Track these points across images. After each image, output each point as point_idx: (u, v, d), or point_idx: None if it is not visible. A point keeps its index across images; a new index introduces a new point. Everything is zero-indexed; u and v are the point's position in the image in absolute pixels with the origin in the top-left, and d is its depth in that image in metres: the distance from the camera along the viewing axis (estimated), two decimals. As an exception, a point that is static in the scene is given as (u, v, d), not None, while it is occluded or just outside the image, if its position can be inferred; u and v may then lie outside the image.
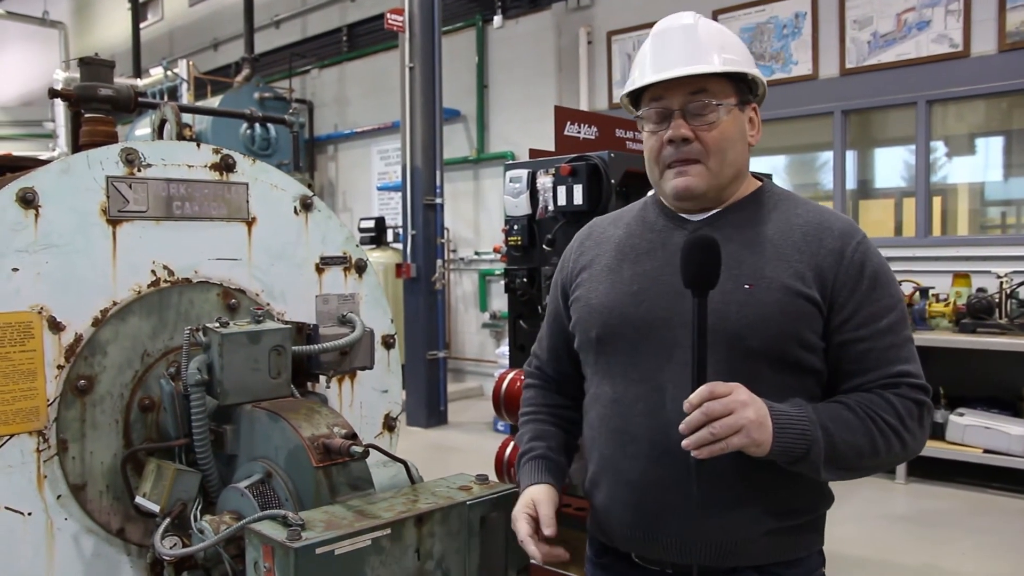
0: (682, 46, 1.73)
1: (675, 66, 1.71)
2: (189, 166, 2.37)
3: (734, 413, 1.49)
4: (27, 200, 2.07)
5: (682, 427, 1.50)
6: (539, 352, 2.08)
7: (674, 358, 1.68)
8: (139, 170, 2.27)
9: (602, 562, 1.90)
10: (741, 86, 1.77)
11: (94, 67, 2.79)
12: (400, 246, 9.16)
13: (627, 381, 1.75)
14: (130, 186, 2.25)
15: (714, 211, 1.79)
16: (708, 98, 1.71)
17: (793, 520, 1.71)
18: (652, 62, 1.75)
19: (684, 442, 1.50)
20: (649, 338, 1.72)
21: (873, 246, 1.73)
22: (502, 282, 4.32)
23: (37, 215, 2.09)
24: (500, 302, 10.15)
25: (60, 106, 15.51)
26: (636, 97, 1.83)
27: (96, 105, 2.74)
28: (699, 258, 1.53)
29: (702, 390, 1.49)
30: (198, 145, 2.40)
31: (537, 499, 1.76)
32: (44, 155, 12.33)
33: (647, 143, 1.80)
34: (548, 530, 1.69)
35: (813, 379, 1.70)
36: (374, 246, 10.25)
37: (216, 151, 2.43)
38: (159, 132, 2.67)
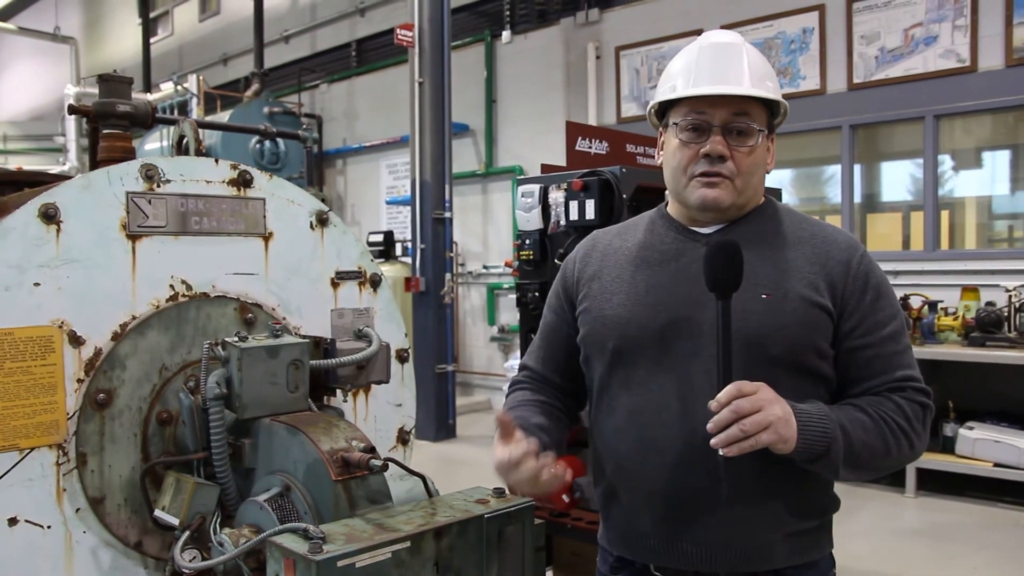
0: (735, 65, 1.74)
1: (728, 83, 1.72)
2: (207, 182, 2.39)
3: (762, 410, 1.51)
4: (49, 216, 2.09)
5: (710, 426, 1.51)
6: (530, 363, 2.04)
7: (694, 367, 1.70)
8: (158, 186, 2.29)
9: None
10: (769, 115, 1.80)
11: (112, 83, 2.82)
12: (409, 260, 9.18)
13: (647, 391, 1.76)
14: (149, 202, 2.27)
15: (722, 225, 1.81)
16: (749, 121, 1.74)
17: (809, 522, 1.75)
18: (698, 74, 1.75)
19: (713, 440, 1.51)
20: (669, 349, 1.74)
21: (873, 260, 1.80)
22: (510, 296, 4.34)
23: (59, 230, 2.11)
24: (508, 316, 10.16)
25: (70, 121, 15.60)
26: (665, 104, 1.83)
27: (114, 121, 2.77)
28: (723, 261, 1.56)
29: (730, 388, 1.51)
30: (216, 161, 2.43)
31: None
32: (55, 169, 12.40)
33: (676, 153, 1.78)
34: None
35: (824, 387, 1.74)
36: (383, 260, 10.27)
37: (234, 167, 2.45)
38: (178, 148, 2.70)
